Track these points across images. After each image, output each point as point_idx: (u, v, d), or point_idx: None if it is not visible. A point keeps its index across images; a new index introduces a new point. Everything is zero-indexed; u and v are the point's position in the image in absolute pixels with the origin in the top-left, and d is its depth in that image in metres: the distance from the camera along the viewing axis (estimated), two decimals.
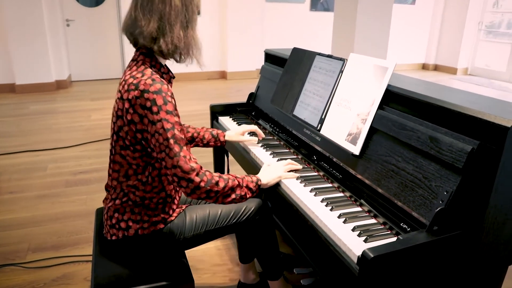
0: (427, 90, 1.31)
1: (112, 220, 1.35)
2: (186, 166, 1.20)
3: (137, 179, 1.31)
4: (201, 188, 1.23)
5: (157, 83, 1.21)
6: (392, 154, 1.26)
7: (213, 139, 1.81)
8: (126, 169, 1.31)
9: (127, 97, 1.23)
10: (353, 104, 1.46)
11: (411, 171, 1.18)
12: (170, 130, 1.20)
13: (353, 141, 1.40)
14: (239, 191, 1.34)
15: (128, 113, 1.23)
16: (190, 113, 4.84)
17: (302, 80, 1.81)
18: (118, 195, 1.34)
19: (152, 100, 1.19)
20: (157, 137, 1.20)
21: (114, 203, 1.34)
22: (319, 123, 1.60)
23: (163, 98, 1.20)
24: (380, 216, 1.21)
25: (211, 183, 1.25)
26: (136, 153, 1.28)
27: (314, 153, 1.65)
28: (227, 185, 1.29)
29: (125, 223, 1.33)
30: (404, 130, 1.22)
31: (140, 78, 1.23)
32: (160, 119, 1.19)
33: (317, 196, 1.34)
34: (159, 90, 1.20)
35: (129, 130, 1.25)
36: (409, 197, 1.16)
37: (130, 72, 1.29)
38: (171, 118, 1.21)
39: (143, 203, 1.33)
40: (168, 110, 1.21)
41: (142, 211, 1.33)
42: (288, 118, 1.88)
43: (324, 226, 1.18)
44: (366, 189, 1.33)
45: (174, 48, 1.28)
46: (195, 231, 1.43)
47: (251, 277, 1.89)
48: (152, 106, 1.19)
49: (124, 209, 1.34)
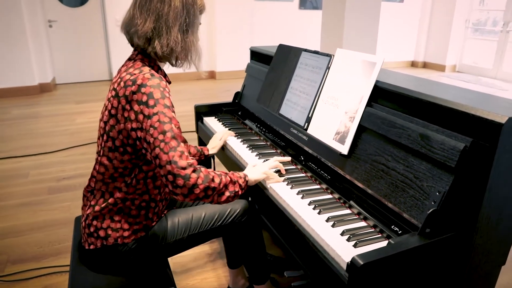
0: (417, 85, 1.26)
1: (90, 228, 1.28)
2: (181, 162, 1.11)
3: (124, 181, 1.25)
4: (199, 185, 1.14)
5: (156, 78, 1.16)
6: (381, 153, 1.20)
7: (198, 153, 1.77)
8: (112, 173, 1.25)
9: (124, 93, 1.16)
10: (340, 102, 1.40)
11: (401, 171, 1.13)
12: (167, 124, 1.13)
13: (341, 140, 1.34)
14: (232, 188, 1.26)
15: (125, 110, 1.17)
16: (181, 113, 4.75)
17: (288, 77, 1.75)
18: (98, 201, 1.27)
19: (149, 94, 1.13)
20: (151, 131, 1.12)
21: (93, 210, 1.27)
22: (306, 122, 1.54)
23: (161, 93, 1.15)
24: (370, 219, 1.16)
25: (208, 179, 1.17)
26: (125, 155, 1.22)
27: (301, 154, 1.59)
28: (221, 181, 1.22)
29: (104, 232, 1.26)
30: (394, 127, 1.17)
31: (138, 74, 1.17)
32: (156, 112, 1.12)
33: (304, 199, 1.28)
34: (158, 85, 1.15)
35: (124, 129, 1.18)
36: (400, 198, 1.11)
37: (126, 69, 1.23)
38: (169, 112, 1.15)
39: (124, 205, 1.26)
40: (166, 104, 1.15)
41: (122, 219, 1.26)
42: (274, 117, 1.82)
43: (312, 231, 1.12)
44: (355, 190, 1.27)
45: (169, 52, 1.23)
46: (177, 236, 1.36)
47: (240, 282, 1.83)
48: (149, 100, 1.13)
49: (103, 216, 1.26)
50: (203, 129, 2.13)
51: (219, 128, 2.02)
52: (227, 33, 6.83)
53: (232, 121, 2.14)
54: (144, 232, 1.29)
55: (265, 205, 1.41)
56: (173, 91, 5.96)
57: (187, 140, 3.83)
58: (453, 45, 8.16)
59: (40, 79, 5.85)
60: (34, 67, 5.68)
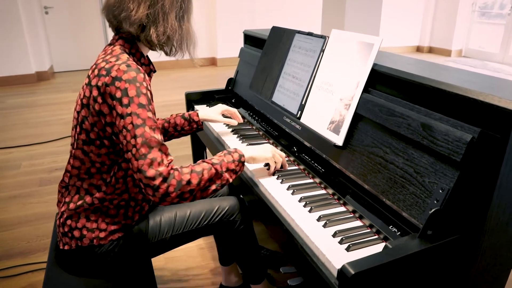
0: (419, 69, 1.13)
1: (64, 228, 1.18)
2: (150, 172, 1.01)
3: (101, 178, 1.15)
4: (170, 194, 1.04)
5: (132, 71, 1.04)
6: (379, 144, 1.09)
7: (187, 122, 1.59)
8: (88, 167, 1.14)
9: (96, 83, 1.06)
10: (335, 88, 1.28)
11: (401, 164, 1.01)
12: (139, 127, 1.02)
13: (336, 130, 1.22)
14: (219, 181, 1.14)
15: (96, 103, 1.06)
16: (172, 102, 4.64)
17: (281, 62, 1.62)
18: (73, 198, 1.17)
19: (123, 90, 1.02)
20: (124, 133, 1.03)
21: (68, 208, 1.17)
22: (299, 110, 1.43)
23: (136, 89, 1.03)
24: (366, 218, 1.04)
25: (181, 186, 1.05)
26: (103, 149, 1.12)
27: (294, 144, 1.48)
28: (202, 179, 1.10)
29: (78, 232, 1.16)
30: (393, 116, 1.05)
31: (114, 63, 1.06)
32: (130, 112, 1.02)
33: (294, 195, 1.17)
34: (133, 79, 1.03)
35: (98, 122, 1.08)
36: (399, 195, 0.99)
37: (104, 56, 1.12)
38: (143, 113, 1.03)
39: (102, 205, 1.16)
40: (141, 103, 1.03)
41: (99, 218, 1.16)
42: (267, 105, 1.70)
43: (301, 232, 1.02)
44: (351, 185, 1.16)
45: (166, 40, 1.13)
46: (159, 236, 1.26)
47: (233, 280, 1.73)
48: (123, 97, 1.02)
49: (78, 215, 1.16)
50: None
51: None
52: (228, 17, 6.64)
53: None
54: (123, 232, 1.19)
55: (254, 201, 1.30)
56: (170, 79, 5.85)
57: None
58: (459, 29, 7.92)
59: (37, 67, 5.74)
60: (31, 55, 5.56)
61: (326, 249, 0.93)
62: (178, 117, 1.60)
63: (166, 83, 5.65)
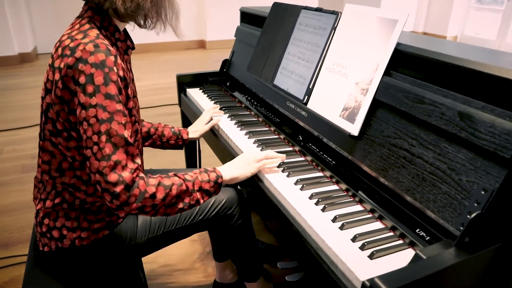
0: (450, 50, 0.99)
1: (42, 227, 1.03)
2: (112, 176, 0.86)
3: (75, 175, 0.99)
4: (130, 204, 0.89)
5: (101, 52, 0.87)
6: (403, 136, 0.95)
7: (174, 137, 1.46)
8: (60, 161, 0.99)
9: (59, 64, 0.89)
10: (349, 70, 1.13)
11: (431, 159, 0.88)
12: (105, 123, 0.86)
13: (350, 118, 1.08)
14: (188, 199, 0.99)
15: (57, 88, 0.90)
16: (160, 85, 4.43)
17: (284, 41, 1.46)
18: (49, 194, 1.02)
19: (88, 76, 0.85)
20: (85, 126, 0.87)
21: (44, 205, 1.02)
22: (306, 95, 1.28)
23: (104, 76, 0.86)
24: (387, 218, 0.91)
25: (143, 198, 0.90)
26: (71, 142, 0.95)
27: (299, 132, 1.33)
28: (169, 194, 0.94)
29: (58, 232, 1.01)
30: (422, 103, 0.91)
31: (80, 41, 0.89)
32: (94, 104, 0.86)
33: (304, 191, 1.03)
34: (102, 63, 0.86)
35: (62, 110, 0.92)
36: (428, 195, 0.86)
37: (70, 31, 0.94)
38: (111, 106, 0.87)
39: (82, 206, 1.01)
40: (109, 93, 0.87)
41: (80, 216, 1.02)
42: (268, 89, 1.55)
43: (315, 234, 0.88)
44: (368, 181, 1.03)
45: (135, 8, 0.95)
46: (149, 233, 1.12)
47: (228, 276, 1.61)
48: (87, 85, 0.85)
49: (56, 213, 1.01)
50: (186, 103, 1.85)
51: (204, 101, 1.75)
52: None
53: (219, 93, 1.87)
54: (108, 230, 1.05)
55: (255, 195, 1.16)
56: (157, 61, 5.62)
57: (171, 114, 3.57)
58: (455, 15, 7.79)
59: (20, 48, 5.45)
60: (13, 35, 5.25)
61: (346, 256, 0.80)
62: (167, 128, 1.45)
63: (154, 66, 5.42)
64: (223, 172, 1.08)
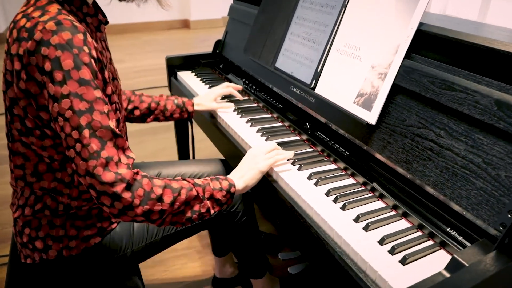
0: (479, 32, 0.90)
1: (23, 238, 0.91)
2: (107, 175, 0.74)
3: (55, 178, 0.86)
4: (135, 207, 0.77)
5: (66, 30, 0.72)
6: (429, 125, 0.87)
7: (178, 110, 1.35)
8: (35, 164, 0.85)
9: (17, 51, 0.74)
10: (364, 52, 1.04)
11: (462, 152, 0.80)
12: (84, 114, 0.73)
13: (367, 105, 0.99)
14: (198, 207, 0.87)
15: (20, 79, 0.76)
16: (146, 67, 4.24)
17: (286, 20, 1.35)
18: (28, 200, 0.89)
19: (54, 60, 0.71)
20: (61, 123, 0.73)
21: (23, 213, 0.89)
22: (314, 79, 1.18)
23: (74, 58, 0.72)
24: (413, 216, 0.84)
25: (150, 199, 0.78)
26: (46, 140, 0.82)
27: (306, 119, 1.24)
28: (177, 199, 0.82)
29: (41, 242, 0.89)
30: (451, 90, 0.82)
31: (38, 19, 0.74)
32: (67, 93, 0.72)
33: (319, 186, 0.95)
34: (68, 43, 0.72)
35: (28, 105, 0.78)
36: (460, 191, 0.79)
37: (25, 9, 0.79)
38: (88, 93, 0.73)
39: (68, 212, 0.90)
40: (83, 79, 0.73)
41: (66, 223, 0.90)
42: (268, 72, 1.44)
43: (338, 238, 0.80)
44: (388, 174, 0.95)
45: None
46: (148, 239, 1.01)
47: (228, 271, 1.54)
48: (55, 71, 0.71)
49: (38, 221, 0.89)
50: (177, 87, 1.73)
51: (197, 85, 1.63)
52: None
53: (213, 76, 1.75)
54: (100, 237, 0.94)
55: (262, 190, 1.08)
56: (140, 42, 5.39)
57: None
58: None
59: None
60: None
61: (377, 263, 0.72)
62: (170, 101, 1.33)
63: (137, 47, 5.19)
64: (235, 181, 0.95)
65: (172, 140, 2.11)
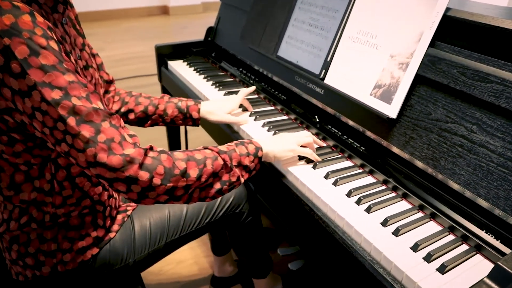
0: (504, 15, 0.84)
1: (11, 254, 0.81)
2: (113, 160, 0.65)
3: (34, 188, 0.75)
4: (156, 187, 0.68)
5: (6, 13, 0.61)
6: (459, 120, 0.80)
7: (181, 115, 1.13)
8: (11, 175, 0.74)
9: None
10: (381, 40, 0.96)
11: (498, 149, 0.74)
12: (63, 101, 0.63)
13: (386, 98, 0.92)
14: (228, 176, 0.79)
15: None
16: (129, 55, 4.07)
17: (288, 5, 1.26)
18: (12, 213, 0.78)
19: (3, 51, 0.60)
20: (41, 118, 0.64)
21: (8, 228, 0.79)
22: (323, 69, 1.10)
23: (27, 43, 0.61)
24: (443, 217, 0.78)
25: (173, 175, 0.70)
26: (17, 146, 0.71)
27: (313, 112, 1.16)
28: (204, 171, 0.74)
29: (32, 259, 0.80)
30: (485, 81, 0.76)
31: None
32: (33, 84, 0.62)
33: (338, 186, 0.88)
34: (14, 28, 0.61)
35: None
36: (496, 191, 0.73)
37: None
38: (58, 79, 0.63)
39: (56, 222, 0.80)
40: (46, 65, 0.62)
41: (58, 235, 0.80)
42: (267, 61, 1.35)
43: (367, 245, 0.73)
44: (411, 172, 0.89)
45: None
46: (150, 247, 0.93)
47: (227, 269, 1.47)
48: (10, 63, 0.61)
49: (26, 236, 0.79)
50: (168, 77, 1.62)
51: (192, 76, 1.53)
52: None
53: (206, 65, 1.65)
54: (97, 248, 0.84)
55: (272, 190, 1.00)
56: (119, 30, 5.18)
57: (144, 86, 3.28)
58: None
59: None
60: None
61: (415, 272, 0.66)
62: (171, 104, 1.13)
63: (117, 34, 4.98)
64: (262, 144, 0.88)
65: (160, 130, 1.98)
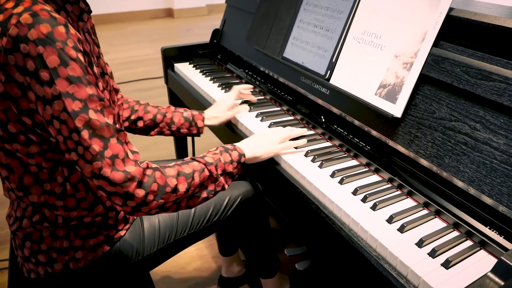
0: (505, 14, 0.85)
1: (24, 251, 0.83)
2: (116, 175, 0.69)
3: (44, 191, 0.78)
4: (149, 203, 0.73)
5: (44, 22, 0.63)
6: (462, 118, 0.82)
7: (187, 124, 1.18)
8: (20, 177, 0.76)
9: None
10: (385, 41, 0.98)
11: (502, 146, 0.75)
12: (80, 114, 0.66)
13: (390, 97, 0.94)
14: (213, 186, 0.85)
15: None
16: (133, 58, 4.11)
17: (293, 7, 1.28)
18: (25, 211, 0.81)
19: (36, 58, 0.63)
20: (57, 126, 0.67)
21: (21, 225, 0.81)
22: (328, 70, 1.12)
23: (58, 54, 0.64)
24: (448, 214, 0.80)
25: (165, 193, 0.75)
26: (32, 147, 0.74)
27: (319, 112, 1.18)
28: (192, 184, 0.80)
29: (44, 256, 0.82)
30: (489, 80, 0.77)
31: (11, 11, 0.65)
32: (58, 93, 0.65)
33: (344, 185, 0.89)
34: (49, 37, 0.63)
35: (8, 109, 0.70)
36: (500, 187, 0.74)
37: None
38: (81, 91, 0.66)
39: (68, 223, 0.82)
40: (72, 76, 0.65)
41: (70, 233, 0.83)
42: (273, 62, 1.37)
43: (373, 241, 0.75)
44: (415, 170, 0.90)
45: None
46: (159, 244, 0.95)
47: (235, 270, 1.49)
48: (40, 70, 0.64)
49: (39, 233, 0.81)
50: (175, 80, 1.65)
51: (199, 78, 1.55)
52: None
53: (213, 67, 1.67)
54: (108, 246, 0.87)
55: (279, 190, 1.02)
56: (124, 33, 5.22)
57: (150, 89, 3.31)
58: None
59: None
60: None
61: (419, 267, 0.67)
62: (178, 113, 1.18)
63: (122, 37, 5.02)
64: (244, 149, 0.93)
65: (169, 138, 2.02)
